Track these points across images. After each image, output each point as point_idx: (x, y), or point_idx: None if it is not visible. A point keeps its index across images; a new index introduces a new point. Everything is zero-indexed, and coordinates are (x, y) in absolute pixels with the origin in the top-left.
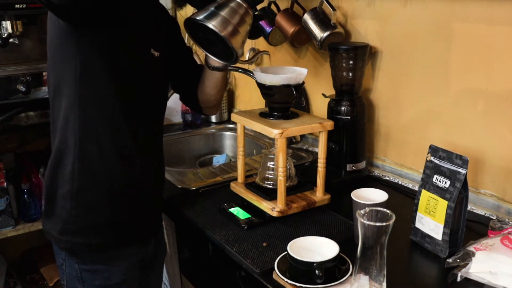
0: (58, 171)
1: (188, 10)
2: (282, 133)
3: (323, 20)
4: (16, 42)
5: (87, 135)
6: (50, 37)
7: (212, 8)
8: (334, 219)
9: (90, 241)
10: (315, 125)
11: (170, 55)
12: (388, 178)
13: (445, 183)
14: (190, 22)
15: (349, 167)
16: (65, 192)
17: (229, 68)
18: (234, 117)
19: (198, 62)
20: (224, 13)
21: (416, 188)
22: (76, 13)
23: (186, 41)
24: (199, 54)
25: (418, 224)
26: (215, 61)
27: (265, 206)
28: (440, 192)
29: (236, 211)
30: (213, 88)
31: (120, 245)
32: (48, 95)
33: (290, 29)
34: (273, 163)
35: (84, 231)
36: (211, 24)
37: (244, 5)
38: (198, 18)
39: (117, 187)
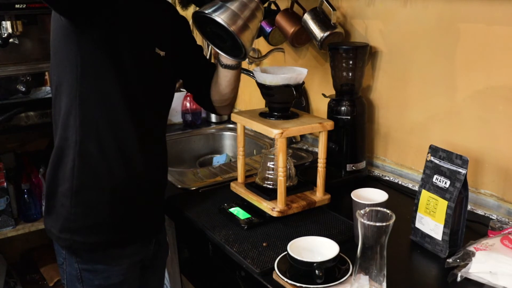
0: (59, 169)
1: (189, 11)
2: (282, 133)
3: (323, 20)
4: (16, 42)
5: (87, 133)
6: (52, 36)
7: (222, 2)
8: (334, 219)
9: (90, 240)
10: (315, 125)
11: (180, 54)
12: (388, 178)
13: (445, 183)
14: (198, 16)
15: (349, 167)
16: (65, 190)
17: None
18: (234, 117)
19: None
20: (234, 7)
21: (416, 188)
22: (72, 5)
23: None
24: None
25: (418, 224)
26: (227, 59)
27: (265, 206)
28: (440, 192)
29: (236, 211)
30: (227, 87)
31: (120, 244)
32: (51, 94)
33: (290, 29)
34: (273, 163)
35: (84, 229)
36: (220, 18)
37: None
38: (206, 12)
39: (118, 186)
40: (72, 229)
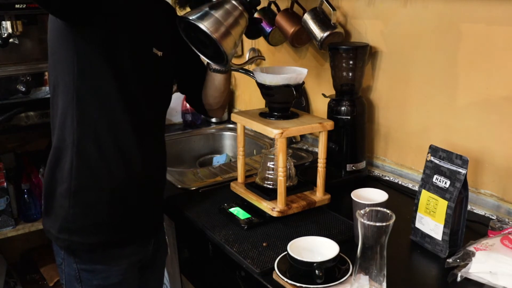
0: (57, 170)
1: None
2: (282, 133)
3: (323, 20)
4: (16, 42)
5: (85, 134)
6: (50, 36)
7: (206, 8)
8: (334, 219)
9: (89, 240)
10: (315, 125)
11: (176, 55)
12: (388, 178)
13: (445, 183)
14: (183, 20)
15: (349, 167)
16: (63, 191)
17: (231, 68)
18: (234, 117)
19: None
20: (217, 14)
21: (416, 188)
22: (65, 8)
23: None
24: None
25: (418, 224)
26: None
27: (265, 206)
28: (440, 192)
29: (236, 211)
30: (216, 91)
31: (120, 245)
32: (50, 94)
33: (290, 29)
34: (273, 163)
35: (82, 229)
36: (203, 25)
37: (240, 7)
38: (190, 18)
39: (117, 186)
40: (70, 230)
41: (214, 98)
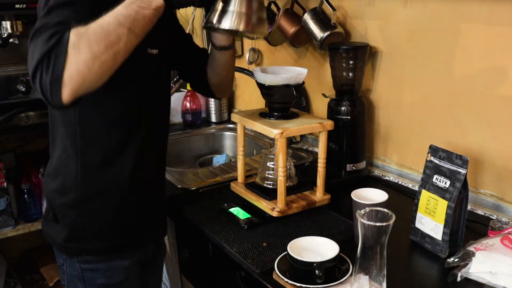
0: (59, 179)
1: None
2: (282, 133)
3: (323, 20)
4: (16, 42)
5: (89, 144)
6: None
7: (220, 7)
8: (334, 219)
9: (97, 246)
10: (315, 125)
11: (173, 46)
12: (388, 178)
13: (445, 183)
14: (209, 28)
15: (349, 167)
16: (69, 201)
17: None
18: (234, 117)
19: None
20: (233, 7)
21: (416, 188)
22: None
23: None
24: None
25: (418, 224)
26: (221, 40)
27: (265, 206)
28: (440, 192)
29: (236, 211)
30: (224, 68)
31: (126, 248)
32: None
33: (290, 29)
34: (273, 163)
35: (90, 237)
36: (227, 27)
37: None
38: (213, 26)
39: (122, 192)
40: (79, 238)
41: (222, 77)
